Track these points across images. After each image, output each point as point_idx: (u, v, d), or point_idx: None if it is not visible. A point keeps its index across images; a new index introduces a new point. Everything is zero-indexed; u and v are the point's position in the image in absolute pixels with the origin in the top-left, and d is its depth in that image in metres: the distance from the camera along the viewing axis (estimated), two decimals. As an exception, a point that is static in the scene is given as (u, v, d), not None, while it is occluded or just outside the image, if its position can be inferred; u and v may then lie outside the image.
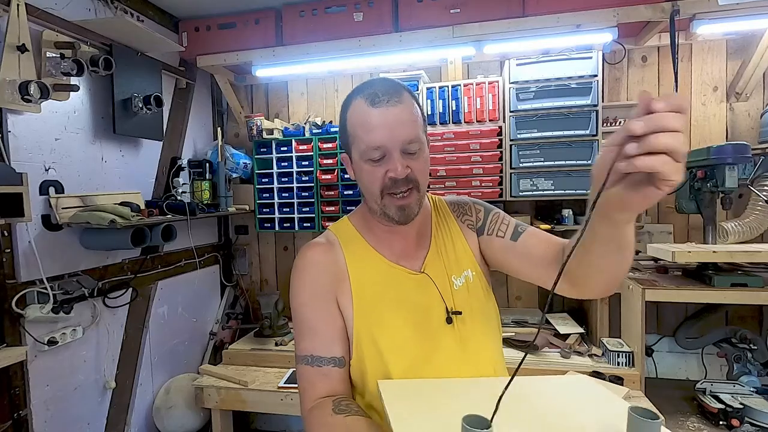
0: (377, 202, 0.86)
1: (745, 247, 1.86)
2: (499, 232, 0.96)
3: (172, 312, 2.44)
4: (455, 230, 0.99)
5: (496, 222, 0.98)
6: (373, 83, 0.85)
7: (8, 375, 1.57)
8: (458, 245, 0.97)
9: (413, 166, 0.83)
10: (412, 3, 2.17)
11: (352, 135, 0.85)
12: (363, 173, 0.86)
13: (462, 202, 1.04)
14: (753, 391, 1.88)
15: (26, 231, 1.63)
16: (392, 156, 0.81)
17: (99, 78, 1.92)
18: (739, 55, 2.28)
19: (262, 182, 2.68)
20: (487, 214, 1.00)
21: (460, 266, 0.94)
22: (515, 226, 0.96)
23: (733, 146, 1.87)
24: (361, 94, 0.84)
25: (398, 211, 0.85)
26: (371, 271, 0.90)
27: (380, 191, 0.84)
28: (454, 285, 0.92)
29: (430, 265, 0.93)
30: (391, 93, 0.82)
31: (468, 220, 1.01)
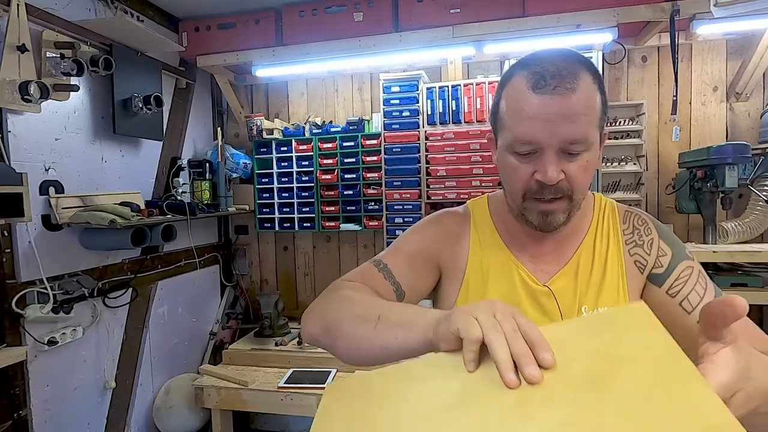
0: (517, 203, 0.71)
1: (745, 247, 1.86)
2: (686, 302, 0.69)
3: (172, 312, 2.44)
4: (614, 255, 0.76)
5: (685, 283, 0.71)
6: (543, 57, 0.66)
7: (8, 375, 1.58)
8: (610, 275, 0.75)
9: (569, 171, 0.65)
10: (412, 3, 2.17)
11: (503, 119, 0.69)
12: (506, 167, 0.70)
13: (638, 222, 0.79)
14: (753, 391, 1.88)
15: (26, 231, 1.63)
16: (544, 155, 0.64)
17: (99, 78, 1.92)
18: (739, 55, 2.28)
19: (262, 182, 2.68)
20: (676, 261, 0.73)
21: (600, 298, 0.73)
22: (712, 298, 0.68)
23: (733, 146, 1.88)
24: (525, 69, 0.66)
25: (540, 216, 0.69)
26: (491, 262, 0.78)
27: (523, 192, 0.69)
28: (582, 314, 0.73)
29: (561, 281, 0.75)
30: (563, 75, 0.62)
31: (638, 254, 0.76)
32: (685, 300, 0.70)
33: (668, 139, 2.37)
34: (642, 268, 0.75)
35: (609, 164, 2.32)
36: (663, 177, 2.39)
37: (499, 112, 0.71)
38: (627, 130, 2.30)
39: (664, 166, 2.39)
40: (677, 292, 0.71)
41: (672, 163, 2.32)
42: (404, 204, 2.38)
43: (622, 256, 0.76)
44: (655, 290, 0.73)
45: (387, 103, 2.37)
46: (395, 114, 2.37)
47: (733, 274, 1.84)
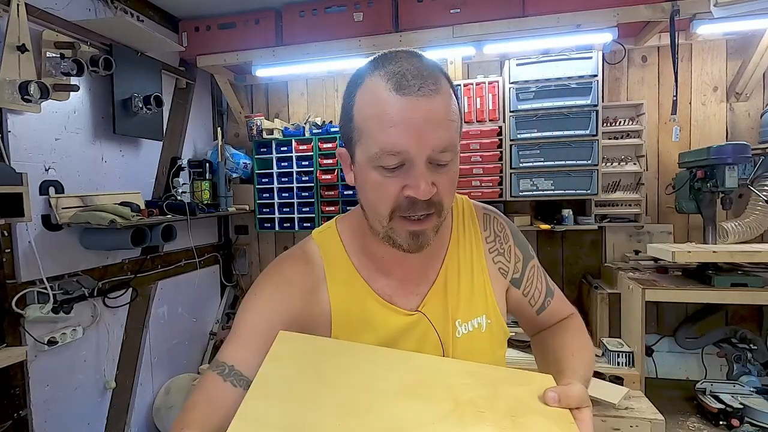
0: (383, 224, 0.63)
1: (745, 247, 1.86)
2: (532, 299, 0.82)
3: (172, 312, 2.44)
4: (478, 263, 0.76)
5: (532, 283, 0.81)
6: (399, 58, 0.60)
7: (8, 375, 1.57)
8: (478, 282, 0.75)
9: (440, 184, 0.60)
10: (412, 3, 2.17)
11: (360, 128, 0.60)
12: (368, 184, 0.62)
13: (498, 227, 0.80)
14: (753, 391, 1.89)
15: (26, 231, 1.63)
16: (415, 167, 0.58)
17: (99, 78, 1.92)
18: (739, 55, 2.28)
19: (262, 182, 2.68)
20: (526, 264, 0.81)
21: (471, 309, 0.73)
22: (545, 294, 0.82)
23: (733, 146, 1.88)
24: (380, 70, 0.59)
25: (410, 237, 0.63)
26: (356, 309, 0.70)
27: (390, 212, 0.61)
28: (456, 331, 0.72)
29: (433, 301, 0.72)
30: (425, 76, 0.57)
31: (501, 262, 0.79)
32: (531, 297, 0.82)
33: (668, 139, 2.37)
34: (505, 273, 0.79)
35: (609, 164, 2.32)
36: (663, 177, 2.39)
37: (353, 121, 0.61)
38: (627, 130, 2.30)
39: (664, 166, 2.39)
40: (528, 292, 0.81)
41: (672, 163, 2.32)
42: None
43: (484, 262, 0.77)
44: (515, 291, 0.80)
45: (387, 103, 2.37)
46: (395, 114, 2.36)
47: (733, 274, 1.84)
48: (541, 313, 0.83)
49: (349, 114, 0.62)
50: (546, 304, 0.83)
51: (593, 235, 2.44)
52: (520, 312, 0.84)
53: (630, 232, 2.40)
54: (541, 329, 0.86)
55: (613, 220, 2.35)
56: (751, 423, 1.74)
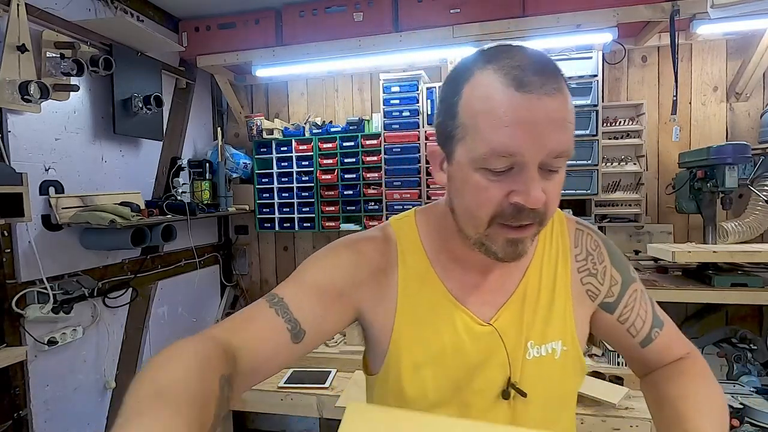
0: (478, 230, 0.58)
1: (745, 247, 1.86)
2: (632, 328, 0.71)
3: (172, 312, 2.44)
4: (563, 282, 0.69)
5: (632, 309, 0.71)
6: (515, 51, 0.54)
7: (8, 375, 1.58)
8: (559, 302, 0.68)
9: (549, 191, 0.55)
10: (412, 3, 2.17)
11: (466, 126, 0.54)
12: (468, 186, 0.56)
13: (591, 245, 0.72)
14: (753, 391, 1.88)
15: (26, 231, 1.63)
16: (525, 172, 0.53)
17: (99, 78, 1.92)
18: (739, 55, 2.28)
19: (262, 182, 2.68)
20: (625, 287, 0.71)
21: (547, 332, 0.67)
22: (651, 324, 0.71)
23: (733, 146, 1.88)
24: (496, 63, 0.53)
25: (507, 245, 0.57)
26: (425, 303, 0.66)
27: (491, 217, 0.56)
28: (527, 353, 0.66)
29: (506, 315, 0.66)
30: (546, 75, 0.51)
31: (592, 283, 0.70)
32: (632, 326, 0.71)
33: (668, 139, 2.37)
34: (594, 297, 0.71)
35: (609, 164, 2.32)
36: (663, 177, 2.39)
37: (457, 116, 0.55)
38: (627, 130, 2.30)
39: (664, 166, 2.39)
40: (626, 319, 0.71)
41: (672, 163, 2.32)
42: (404, 204, 2.38)
43: (569, 283, 0.69)
44: (606, 317, 0.72)
45: (387, 103, 2.37)
46: (395, 114, 2.37)
47: (733, 274, 1.84)
48: (647, 346, 0.72)
49: (453, 110, 0.56)
50: (653, 336, 0.71)
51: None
52: (619, 343, 0.74)
53: (630, 232, 2.40)
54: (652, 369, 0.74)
55: (613, 220, 2.35)
56: (751, 423, 1.74)
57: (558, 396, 0.68)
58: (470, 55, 0.57)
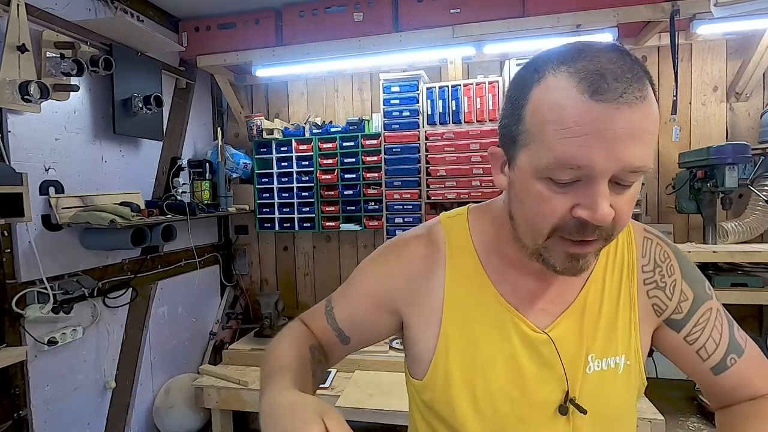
0: (537, 242, 0.55)
1: (745, 247, 1.86)
2: (703, 350, 0.64)
3: (172, 312, 2.44)
4: (627, 293, 0.64)
5: (703, 329, 0.64)
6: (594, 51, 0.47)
7: (8, 375, 1.57)
8: (623, 315, 0.64)
9: (618, 207, 0.49)
10: (412, 3, 2.17)
11: (532, 132, 0.50)
12: (529, 196, 0.52)
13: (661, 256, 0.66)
14: (753, 391, 1.88)
15: (26, 231, 1.63)
16: (594, 185, 0.47)
17: (99, 78, 1.92)
18: (739, 55, 2.28)
19: (262, 182, 2.68)
20: (697, 305, 0.65)
21: (609, 345, 0.63)
22: (726, 349, 0.64)
23: (733, 146, 1.88)
24: (570, 65, 0.47)
25: (567, 260, 0.54)
26: (474, 305, 0.64)
27: (551, 229, 0.52)
28: (587, 367, 0.62)
29: (565, 325, 0.63)
30: (629, 78, 0.45)
31: (659, 297, 0.65)
32: (702, 348, 0.65)
33: (668, 139, 2.37)
34: (660, 312, 0.65)
35: (609, 164, 2.32)
36: (663, 177, 2.39)
37: (523, 119, 0.51)
38: (627, 130, 2.30)
39: (664, 166, 2.39)
40: (695, 339, 0.65)
41: (672, 163, 2.32)
42: (404, 204, 2.38)
43: (636, 295, 0.64)
44: (672, 335, 0.65)
45: (387, 103, 2.37)
46: (395, 114, 2.37)
47: (733, 274, 1.84)
48: (721, 373, 0.64)
49: (519, 112, 0.51)
50: (729, 363, 0.64)
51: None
52: (688, 367, 0.67)
53: (630, 232, 2.40)
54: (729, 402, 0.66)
55: (613, 220, 2.35)
56: (751, 423, 1.74)
57: (619, 412, 0.65)
58: (544, 51, 0.52)
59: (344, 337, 0.72)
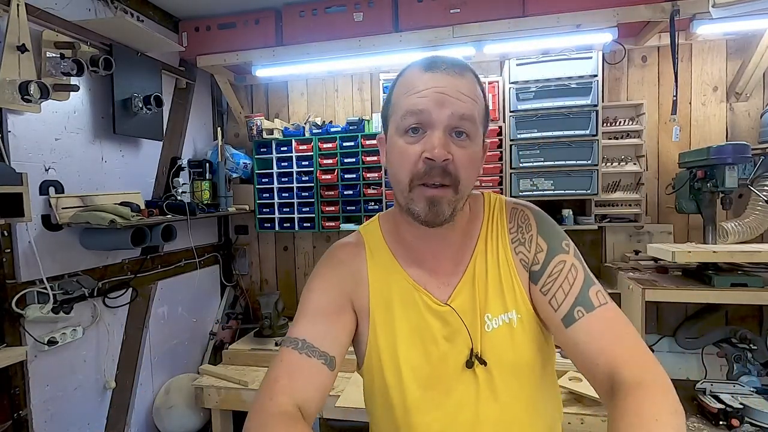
0: (404, 194, 0.69)
1: (745, 247, 1.86)
2: (554, 300, 0.71)
3: (172, 312, 2.44)
4: (505, 254, 0.76)
5: (555, 279, 0.72)
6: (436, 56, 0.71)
7: (8, 375, 1.57)
8: (505, 276, 0.75)
9: (456, 155, 0.66)
10: (412, 3, 2.17)
11: (393, 103, 0.72)
12: (394, 153, 0.70)
13: (522, 218, 0.79)
14: (753, 391, 1.88)
15: (26, 231, 1.63)
16: (434, 132, 0.65)
17: (99, 78, 1.92)
18: (739, 55, 2.28)
19: (262, 182, 2.68)
20: (550, 257, 0.74)
21: (500, 304, 0.74)
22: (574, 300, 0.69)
23: (733, 146, 1.87)
24: (419, 61, 0.71)
25: (427, 204, 0.67)
26: (392, 289, 0.77)
27: (410, 178, 0.67)
28: (486, 326, 0.73)
29: (461, 294, 0.75)
30: (454, 63, 0.68)
31: (522, 252, 0.76)
32: (553, 298, 0.71)
33: (668, 139, 2.37)
34: (526, 265, 0.75)
35: (609, 164, 2.32)
36: (663, 177, 2.39)
37: (390, 102, 0.73)
38: (627, 130, 2.30)
39: (664, 166, 2.39)
40: (548, 290, 0.72)
41: (672, 163, 2.32)
42: (404, 204, 2.38)
43: (510, 256, 0.76)
44: (533, 288, 0.74)
45: (387, 103, 2.37)
46: (395, 114, 2.37)
47: (733, 274, 1.84)
48: (570, 326, 0.67)
49: (389, 97, 0.73)
50: (576, 315, 0.67)
51: (593, 235, 2.44)
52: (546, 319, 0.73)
53: (630, 232, 2.40)
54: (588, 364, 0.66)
55: (613, 220, 2.35)
56: (751, 423, 1.74)
57: (522, 362, 0.73)
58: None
59: (330, 360, 0.72)
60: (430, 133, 0.66)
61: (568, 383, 1.74)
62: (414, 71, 0.70)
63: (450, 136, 0.66)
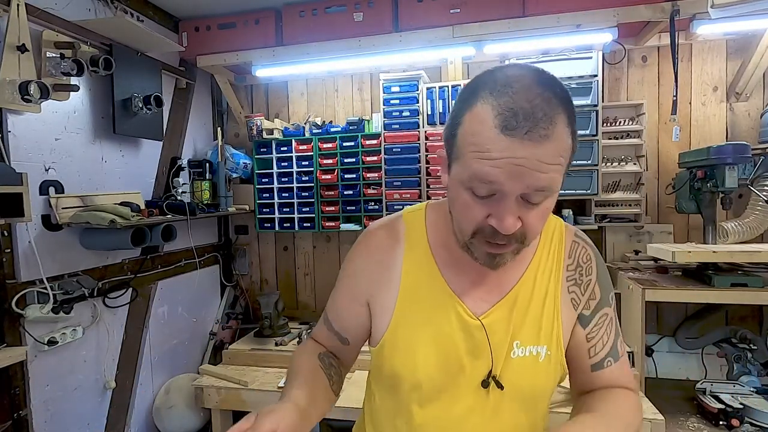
0: (464, 238, 0.65)
1: (745, 247, 1.86)
2: (593, 349, 0.75)
3: (172, 312, 2.44)
4: (555, 289, 0.74)
5: (600, 330, 0.75)
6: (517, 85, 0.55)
7: (8, 375, 1.57)
8: (548, 308, 0.73)
9: (527, 219, 0.59)
10: (412, 3, 2.17)
11: (460, 150, 0.60)
12: (457, 201, 0.63)
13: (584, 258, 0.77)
14: (753, 391, 1.89)
15: (26, 231, 1.63)
16: (504, 201, 0.57)
17: (99, 78, 1.92)
18: (739, 55, 2.28)
19: (262, 182, 2.68)
20: (600, 307, 0.75)
21: (533, 335, 0.72)
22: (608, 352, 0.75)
23: (733, 146, 1.87)
24: (493, 96, 0.56)
25: (487, 258, 0.64)
26: (425, 291, 0.73)
27: (473, 231, 0.63)
28: (512, 352, 0.71)
29: (496, 313, 0.72)
30: (538, 118, 0.53)
31: (576, 292, 0.75)
32: (593, 347, 0.75)
33: (668, 139, 2.37)
34: (576, 306, 0.75)
35: (609, 164, 2.32)
36: (663, 177, 2.39)
37: (457, 136, 0.60)
38: (627, 130, 2.30)
39: (664, 166, 2.39)
40: (592, 338, 0.75)
41: (672, 163, 2.32)
42: (404, 204, 2.37)
43: (559, 290, 0.74)
44: (579, 330, 0.75)
45: (387, 103, 2.38)
46: (395, 114, 2.37)
47: (733, 274, 1.84)
48: (596, 371, 0.75)
49: (454, 130, 0.61)
50: (606, 364, 0.75)
51: (593, 235, 2.43)
52: (574, 359, 0.76)
53: (630, 232, 2.40)
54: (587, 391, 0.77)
55: (613, 220, 2.35)
56: (751, 423, 1.74)
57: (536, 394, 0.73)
58: (487, 73, 0.60)
59: (343, 338, 0.81)
60: (500, 200, 0.58)
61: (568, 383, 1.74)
62: (487, 121, 0.55)
63: (522, 200, 0.58)
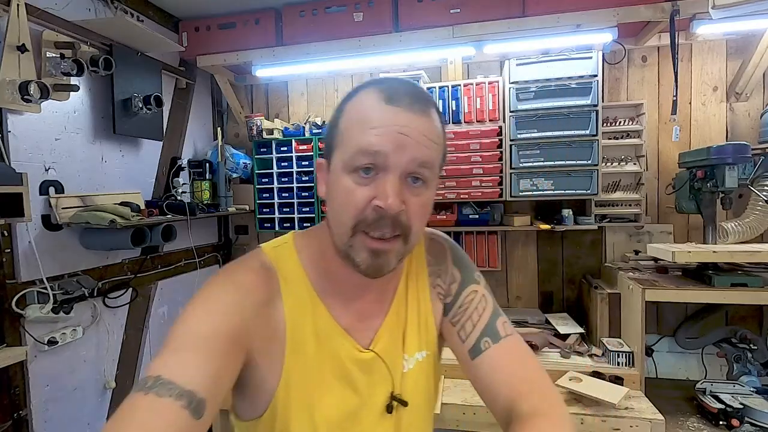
0: (343, 239, 0.60)
1: (745, 247, 1.86)
2: (462, 331, 0.70)
3: (172, 312, 2.44)
4: (424, 292, 0.73)
5: (465, 311, 0.71)
6: (393, 80, 0.61)
7: (8, 375, 1.58)
8: (423, 314, 0.72)
9: (411, 204, 0.58)
10: (412, 3, 2.17)
11: (342, 133, 0.60)
12: (338, 191, 0.59)
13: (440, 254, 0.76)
14: (753, 391, 1.88)
15: (26, 231, 1.63)
16: (387, 177, 0.56)
17: (99, 78, 1.92)
18: (739, 55, 2.28)
19: (262, 182, 2.68)
20: (462, 288, 0.73)
21: (415, 343, 0.70)
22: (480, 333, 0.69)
23: (733, 146, 1.87)
24: (375, 86, 0.60)
25: (370, 256, 0.59)
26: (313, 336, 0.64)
27: (354, 223, 0.58)
28: (404, 366, 0.69)
29: (383, 338, 0.68)
30: (417, 97, 0.58)
31: (439, 285, 0.74)
32: (461, 329, 0.70)
33: (668, 139, 2.37)
34: (442, 297, 0.73)
35: (609, 164, 2.32)
36: (663, 177, 2.39)
37: (337, 127, 0.61)
38: (627, 130, 2.30)
39: (664, 166, 2.39)
40: (458, 320, 0.71)
41: (672, 163, 2.32)
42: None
43: (427, 289, 0.73)
44: (444, 320, 0.73)
45: (387, 103, 2.37)
46: (395, 114, 2.37)
47: (733, 274, 1.84)
48: (477, 358, 0.67)
49: (335, 122, 0.62)
50: (483, 346, 0.68)
51: (593, 235, 2.44)
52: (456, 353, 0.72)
53: (630, 232, 2.40)
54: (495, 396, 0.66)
55: (613, 220, 2.35)
56: (751, 423, 1.74)
57: (429, 403, 0.72)
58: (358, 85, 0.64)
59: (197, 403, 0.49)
60: (383, 177, 0.56)
61: (568, 383, 1.74)
62: (370, 99, 0.58)
63: (405, 182, 0.57)
